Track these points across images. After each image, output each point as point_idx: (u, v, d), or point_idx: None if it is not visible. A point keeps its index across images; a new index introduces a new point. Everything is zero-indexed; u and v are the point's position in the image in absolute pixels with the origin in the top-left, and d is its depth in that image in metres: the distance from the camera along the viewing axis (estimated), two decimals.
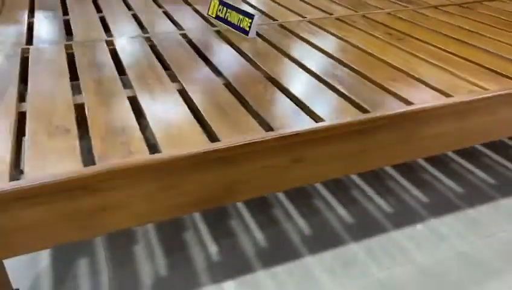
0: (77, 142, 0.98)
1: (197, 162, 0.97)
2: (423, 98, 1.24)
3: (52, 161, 0.92)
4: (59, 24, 1.75)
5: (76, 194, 0.89)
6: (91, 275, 1.23)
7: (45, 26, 1.71)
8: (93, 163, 0.92)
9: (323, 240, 1.37)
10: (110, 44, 1.54)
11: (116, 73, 1.32)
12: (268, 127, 1.08)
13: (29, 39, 1.61)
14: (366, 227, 1.43)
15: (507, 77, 1.39)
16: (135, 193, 0.95)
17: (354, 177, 1.64)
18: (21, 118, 1.10)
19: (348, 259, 1.30)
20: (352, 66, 1.43)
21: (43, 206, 0.88)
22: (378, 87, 1.31)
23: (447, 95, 1.26)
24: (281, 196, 1.54)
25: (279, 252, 1.32)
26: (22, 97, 1.22)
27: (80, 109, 1.13)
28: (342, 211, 1.49)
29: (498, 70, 1.43)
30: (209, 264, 1.28)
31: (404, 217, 1.48)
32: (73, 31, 1.67)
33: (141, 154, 0.94)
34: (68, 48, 1.50)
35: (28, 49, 1.48)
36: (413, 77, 1.38)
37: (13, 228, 0.88)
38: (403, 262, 1.30)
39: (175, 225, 1.42)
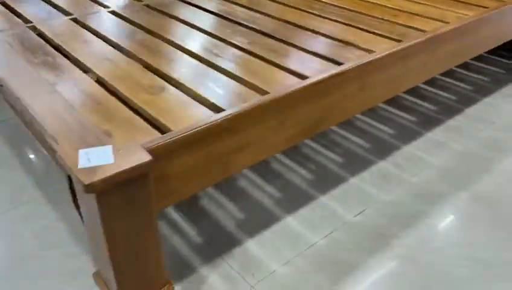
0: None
1: (300, 96, 1.08)
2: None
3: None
4: None
5: (222, 137, 0.97)
6: None
7: None
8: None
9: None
10: None
11: None
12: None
13: None
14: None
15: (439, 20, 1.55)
16: (262, 130, 1.05)
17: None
18: None
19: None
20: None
21: (197, 152, 0.94)
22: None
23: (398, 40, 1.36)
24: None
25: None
26: None
27: None
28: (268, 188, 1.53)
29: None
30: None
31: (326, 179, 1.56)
32: None
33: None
34: None
35: None
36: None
37: (174, 175, 0.92)
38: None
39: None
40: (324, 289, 1.17)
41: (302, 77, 1.15)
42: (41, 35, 1.41)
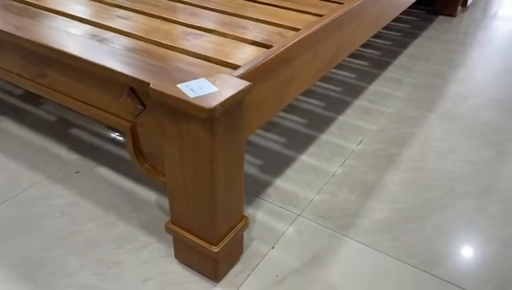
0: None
1: (326, 31, 1.18)
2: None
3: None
4: None
5: (280, 67, 1.02)
6: None
7: None
8: None
9: None
10: None
11: None
12: None
13: None
14: None
15: None
16: (305, 61, 1.13)
17: None
18: None
19: None
20: None
21: (266, 82, 0.99)
22: None
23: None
24: None
25: None
26: None
27: None
28: None
29: None
30: None
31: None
32: None
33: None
34: None
35: None
36: None
37: (252, 104, 0.96)
38: None
39: None
40: (359, 203, 1.29)
41: (319, 15, 1.25)
42: None
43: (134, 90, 0.92)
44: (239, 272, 1.08)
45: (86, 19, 1.19)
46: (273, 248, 1.15)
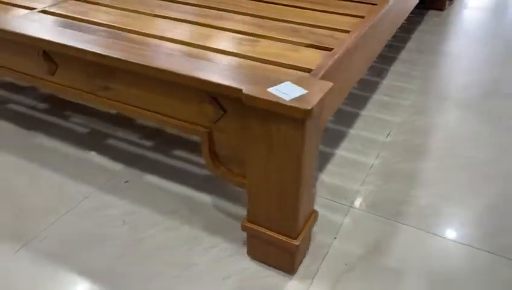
0: None
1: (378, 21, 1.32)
2: None
3: None
4: None
5: (344, 67, 1.09)
6: None
7: None
8: None
9: None
10: None
11: None
12: None
13: None
14: None
15: None
16: (363, 51, 1.24)
17: None
18: None
19: None
20: None
21: (335, 80, 1.01)
22: None
23: None
24: None
25: None
26: None
27: None
28: None
29: None
30: None
31: None
32: None
33: None
34: None
35: None
36: None
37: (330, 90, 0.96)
38: None
39: None
40: (402, 191, 1.38)
41: (360, 17, 1.32)
42: None
43: (215, 97, 0.97)
44: (310, 263, 1.14)
45: (142, 32, 1.22)
46: (335, 238, 1.22)
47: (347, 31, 1.21)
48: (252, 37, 1.19)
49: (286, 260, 1.08)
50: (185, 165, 1.49)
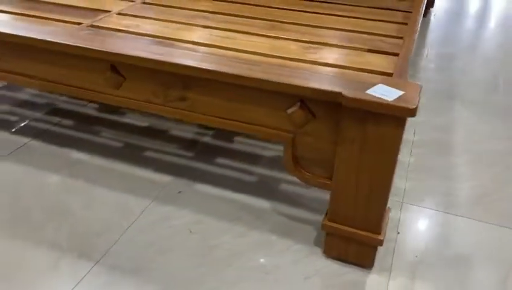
0: None
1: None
2: None
3: None
4: None
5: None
6: None
7: None
8: None
9: None
10: None
11: None
12: None
13: None
14: None
15: None
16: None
17: None
18: None
19: None
20: None
21: None
22: None
23: None
24: None
25: None
26: None
27: None
28: None
29: None
30: None
31: None
32: None
33: None
34: None
35: None
36: None
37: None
38: None
39: None
40: (443, 185, 1.47)
41: (403, 23, 1.40)
42: None
43: (304, 101, 1.01)
44: (382, 257, 1.20)
45: (206, 43, 1.24)
46: (398, 233, 1.28)
47: (398, 37, 1.28)
48: (313, 45, 1.24)
49: (366, 256, 1.13)
50: (231, 173, 1.51)
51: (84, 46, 1.14)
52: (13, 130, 1.70)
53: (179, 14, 1.44)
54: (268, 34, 1.31)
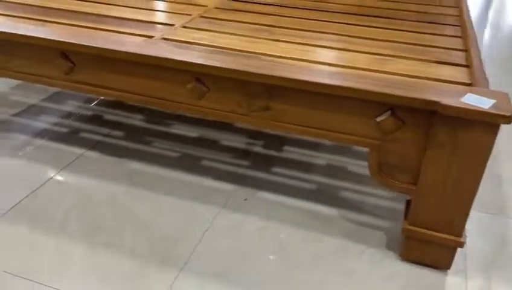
0: None
1: None
2: None
3: None
4: None
5: None
6: None
7: None
8: None
9: None
10: None
11: None
12: None
13: None
14: None
15: None
16: None
17: None
18: None
19: None
20: None
21: None
22: None
23: None
24: None
25: None
26: None
27: None
28: None
29: None
30: None
31: None
32: None
33: None
34: None
35: None
36: None
37: None
38: None
39: None
40: (500, 190, 1.53)
41: (457, 36, 1.48)
42: None
43: (395, 109, 1.06)
44: (456, 260, 1.24)
45: (285, 56, 1.28)
46: (467, 236, 1.34)
47: (461, 50, 1.35)
48: (383, 57, 1.30)
49: (445, 257, 1.18)
50: (289, 181, 1.55)
51: (172, 58, 1.18)
52: (67, 141, 1.72)
53: (242, 28, 1.49)
54: (339, 47, 1.36)
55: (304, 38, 1.42)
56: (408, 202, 1.21)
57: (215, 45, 1.33)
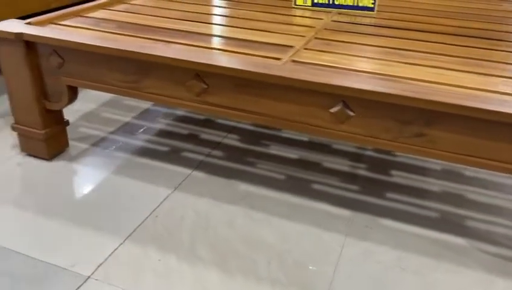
0: None
1: None
2: None
3: None
4: None
5: None
6: None
7: None
8: None
9: None
10: None
11: None
12: None
13: None
14: None
15: None
16: None
17: None
18: None
19: None
20: None
21: None
22: None
23: None
24: None
25: None
26: None
27: None
28: None
29: None
30: None
31: None
32: None
33: None
34: None
35: None
36: None
37: None
38: None
39: None
40: None
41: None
42: None
43: None
44: None
45: (428, 80, 1.25)
46: None
47: None
48: (503, 79, 1.26)
49: None
50: (407, 207, 1.50)
51: (319, 81, 1.15)
52: (171, 160, 1.71)
53: (368, 50, 1.46)
54: (467, 70, 1.32)
55: (433, 61, 1.38)
56: None
57: (352, 68, 1.30)
